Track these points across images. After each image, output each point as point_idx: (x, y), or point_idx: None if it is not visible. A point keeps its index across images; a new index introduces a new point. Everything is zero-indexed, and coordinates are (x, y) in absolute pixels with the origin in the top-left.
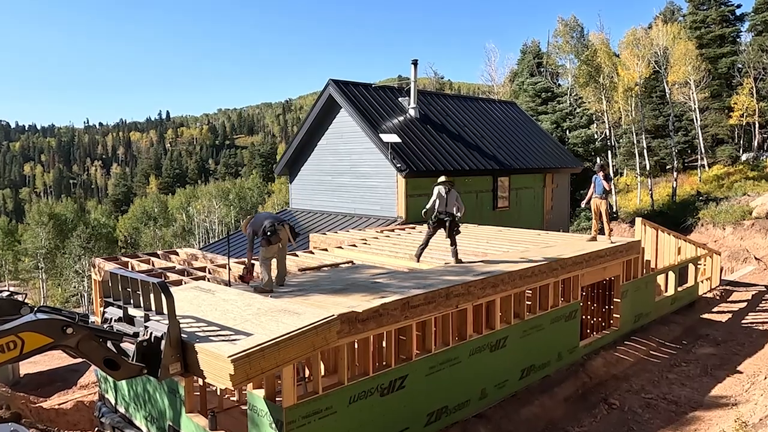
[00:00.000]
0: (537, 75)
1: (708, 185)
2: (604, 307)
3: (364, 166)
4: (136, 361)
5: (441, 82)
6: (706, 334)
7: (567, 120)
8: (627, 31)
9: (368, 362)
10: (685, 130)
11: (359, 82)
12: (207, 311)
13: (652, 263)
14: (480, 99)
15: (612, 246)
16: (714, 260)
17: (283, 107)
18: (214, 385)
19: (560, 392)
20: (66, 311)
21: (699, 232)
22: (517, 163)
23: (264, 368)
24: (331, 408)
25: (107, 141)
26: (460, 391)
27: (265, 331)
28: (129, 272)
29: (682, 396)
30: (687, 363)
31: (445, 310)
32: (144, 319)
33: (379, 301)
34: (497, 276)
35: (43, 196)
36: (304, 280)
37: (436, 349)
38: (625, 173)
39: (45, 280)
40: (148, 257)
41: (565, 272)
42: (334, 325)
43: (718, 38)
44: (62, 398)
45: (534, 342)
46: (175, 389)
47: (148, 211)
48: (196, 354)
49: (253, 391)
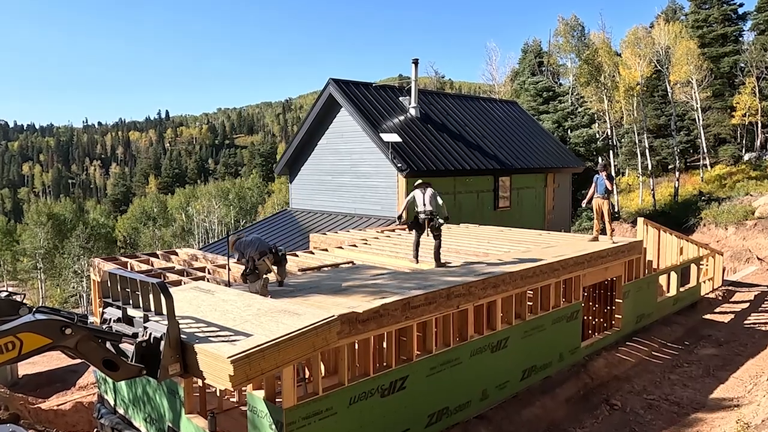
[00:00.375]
0: (538, 74)
1: (710, 185)
2: (606, 307)
3: (364, 166)
4: (136, 361)
5: (442, 82)
6: (708, 334)
7: (568, 119)
8: (628, 30)
9: (369, 363)
10: (687, 129)
11: (360, 82)
12: (206, 312)
13: (654, 263)
14: (481, 98)
15: (614, 246)
16: (716, 260)
17: (283, 106)
18: (214, 386)
19: (562, 393)
20: (65, 312)
21: (701, 232)
22: (518, 163)
23: (264, 369)
24: (331, 409)
25: (106, 140)
26: (461, 392)
27: (265, 331)
28: (128, 272)
29: (684, 397)
30: (689, 364)
31: (446, 311)
32: (143, 319)
33: (380, 302)
34: (498, 276)
35: (41, 196)
36: (304, 280)
37: (436, 350)
38: (626, 173)
39: (44, 280)
40: (147, 257)
41: (566, 272)
42: (335, 326)
43: (720, 37)
44: (61, 399)
45: (535, 343)
46: (174, 390)
47: (147, 211)
48: (195, 355)
49: (252, 392)
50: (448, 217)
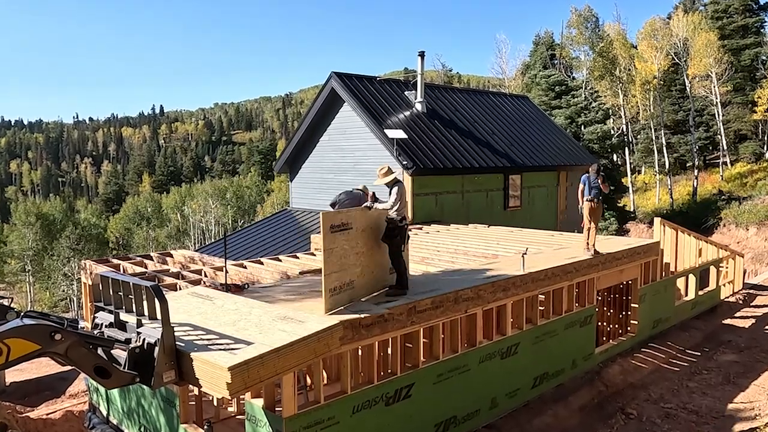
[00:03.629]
0: (550, 67)
1: (730, 183)
2: (621, 312)
3: (368, 164)
4: (128, 368)
5: (449, 75)
6: (728, 340)
7: (582, 115)
8: (645, 22)
9: (373, 370)
10: (707, 125)
11: (363, 75)
12: (203, 317)
13: (671, 266)
14: (490, 93)
15: (629, 247)
16: (737, 262)
17: (282, 101)
18: (211, 395)
19: (575, 401)
20: (54, 316)
21: (721, 233)
22: (529, 161)
23: (263, 376)
24: (333, 418)
25: (98, 137)
26: (469, 400)
27: (264, 337)
28: (121, 275)
29: (703, 406)
30: (708, 371)
31: (453, 315)
32: (136, 324)
33: (384, 306)
34: (508, 279)
35: (30, 195)
36: (305, 283)
37: (444, 356)
38: (643, 171)
39: (32, 283)
40: (141, 259)
41: (579, 275)
42: (337, 331)
43: (741, 28)
44: (50, 408)
45: (547, 349)
46: (171, 400)
47: (140, 211)
48: (191, 361)
49: (251, 400)
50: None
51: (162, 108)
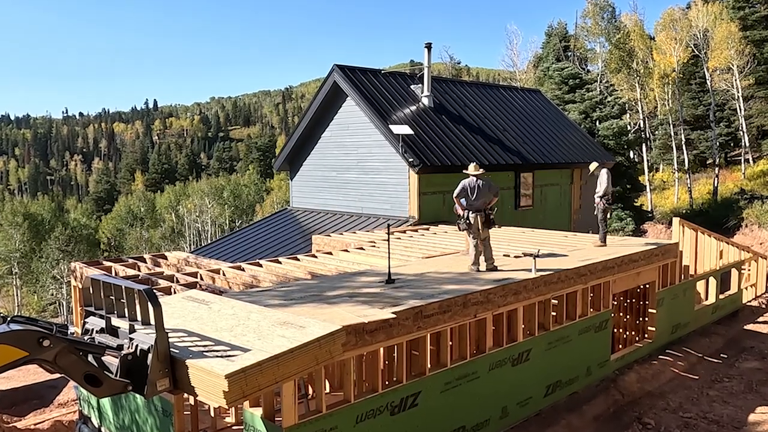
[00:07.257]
0: (564, 60)
1: (753, 182)
2: (638, 317)
3: (372, 161)
4: (121, 376)
5: (457, 68)
6: (750, 346)
7: (597, 110)
8: (663, 12)
9: (377, 378)
10: (728, 121)
11: (367, 68)
12: (199, 322)
13: (690, 268)
14: (501, 86)
15: (646, 249)
16: (760, 265)
17: (282, 95)
18: (207, 404)
19: (589, 410)
20: (42, 321)
21: (743, 234)
22: (541, 158)
23: (261, 384)
24: (336, 428)
25: (88, 133)
26: (478, 409)
27: (263, 343)
28: (112, 278)
29: (724, 415)
30: (729, 378)
31: (462, 320)
32: (129, 330)
33: (389, 311)
34: (519, 282)
35: (17, 194)
36: (306, 285)
37: (452, 364)
38: (661, 168)
39: (19, 286)
40: (133, 262)
41: (594, 278)
42: (339, 337)
43: (764, 19)
44: (38, 417)
45: (560, 355)
46: (166, 409)
47: (133, 211)
48: (186, 369)
49: (249, 409)
50: None
51: (156, 102)
